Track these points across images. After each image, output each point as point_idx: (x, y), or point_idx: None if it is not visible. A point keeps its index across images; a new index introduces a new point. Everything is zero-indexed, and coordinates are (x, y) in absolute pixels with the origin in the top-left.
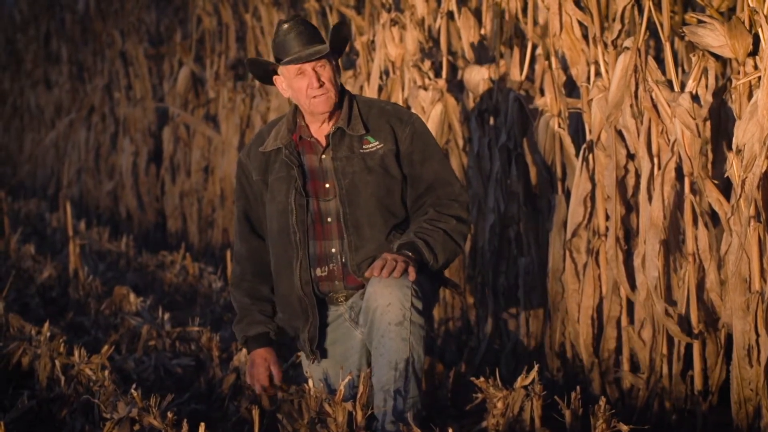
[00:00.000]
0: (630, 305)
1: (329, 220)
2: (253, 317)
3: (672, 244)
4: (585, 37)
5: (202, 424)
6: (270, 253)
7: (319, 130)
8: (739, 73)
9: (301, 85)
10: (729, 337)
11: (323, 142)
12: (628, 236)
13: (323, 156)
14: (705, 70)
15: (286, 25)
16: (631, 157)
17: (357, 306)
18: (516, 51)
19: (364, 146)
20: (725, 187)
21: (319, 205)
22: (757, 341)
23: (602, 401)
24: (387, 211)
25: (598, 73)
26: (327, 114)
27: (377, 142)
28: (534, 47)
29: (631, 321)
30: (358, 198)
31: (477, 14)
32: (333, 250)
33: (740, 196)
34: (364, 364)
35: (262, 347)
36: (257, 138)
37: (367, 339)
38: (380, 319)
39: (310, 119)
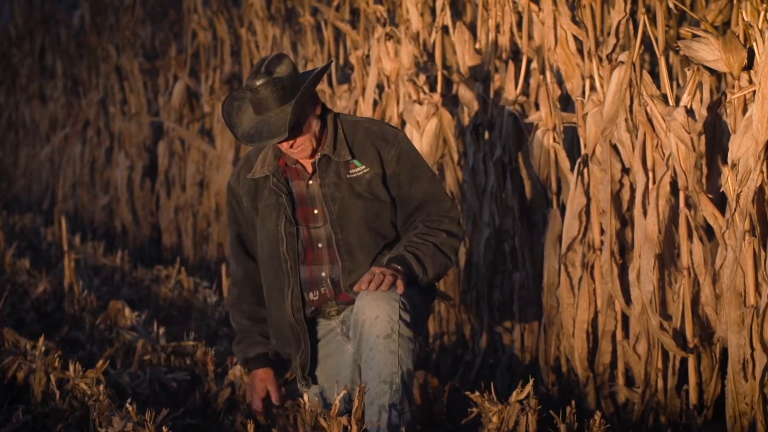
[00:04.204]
0: (625, 319)
1: (320, 245)
2: (253, 338)
3: (667, 258)
4: (580, 51)
5: None
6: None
7: (307, 158)
8: (733, 87)
9: None
10: (724, 351)
11: (309, 169)
12: (623, 250)
13: (310, 182)
14: (700, 84)
15: (249, 93)
16: (626, 171)
17: (349, 320)
18: (511, 65)
19: (350, 171)
20: (720, 201)
21: (309, 231)
22: (752, 355)
23: (597, 415)
24: (377, 233)
25: (593, 88)
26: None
27: (363, 166)
28: (529, 61)
29: (626, 335)
30: (348, 223)
31: (472, 28)
32: (323, 274)
33: (735, 210)
34: (357, 377)
35: (261, 368)
36: (245, 163)
37: (356, 353)
38: (369, 332)
39: None
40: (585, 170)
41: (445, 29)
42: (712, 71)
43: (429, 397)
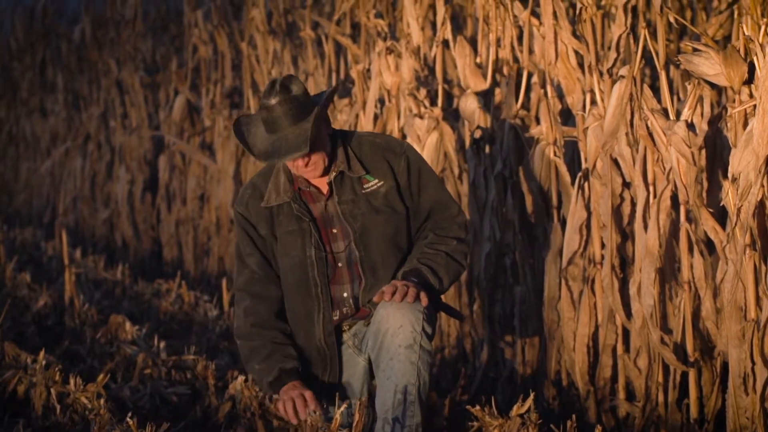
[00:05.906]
0: (626, 333)
1: (340, 265)
2: (287, 351)
3: (667, 272)
4: (581, 65)
5: None
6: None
7: (318, 178)
8: (734, 101)
9: None
10: (725, 366)
11: (323, 189)
12: (624, 264)
13: (327, 202)
14: (700, 99)
15: (264, 111)
16: (626, 185)
17: (360, 333)
18: (512, 79)
19: (364, 186)
20: (721, 216)
21: (332, 253)
22: (752, 369)
23: (598, 429)
24: (396, 248)
25: (593, 102)
26: None
27: (376, 180)
28: (530, 75)
29: (627, 349)
30: (370, 240)
31: (472, 43)
32: (345, 294)
33: (736, 224)
34: (365, 391)
35: (296, 379)
36: (253, 191)
37: (374, 362)
38: (391, 341)
39: None
40: (586, 184)
41: (445, 43)
42: (712, 85)
43: (430, 410)
